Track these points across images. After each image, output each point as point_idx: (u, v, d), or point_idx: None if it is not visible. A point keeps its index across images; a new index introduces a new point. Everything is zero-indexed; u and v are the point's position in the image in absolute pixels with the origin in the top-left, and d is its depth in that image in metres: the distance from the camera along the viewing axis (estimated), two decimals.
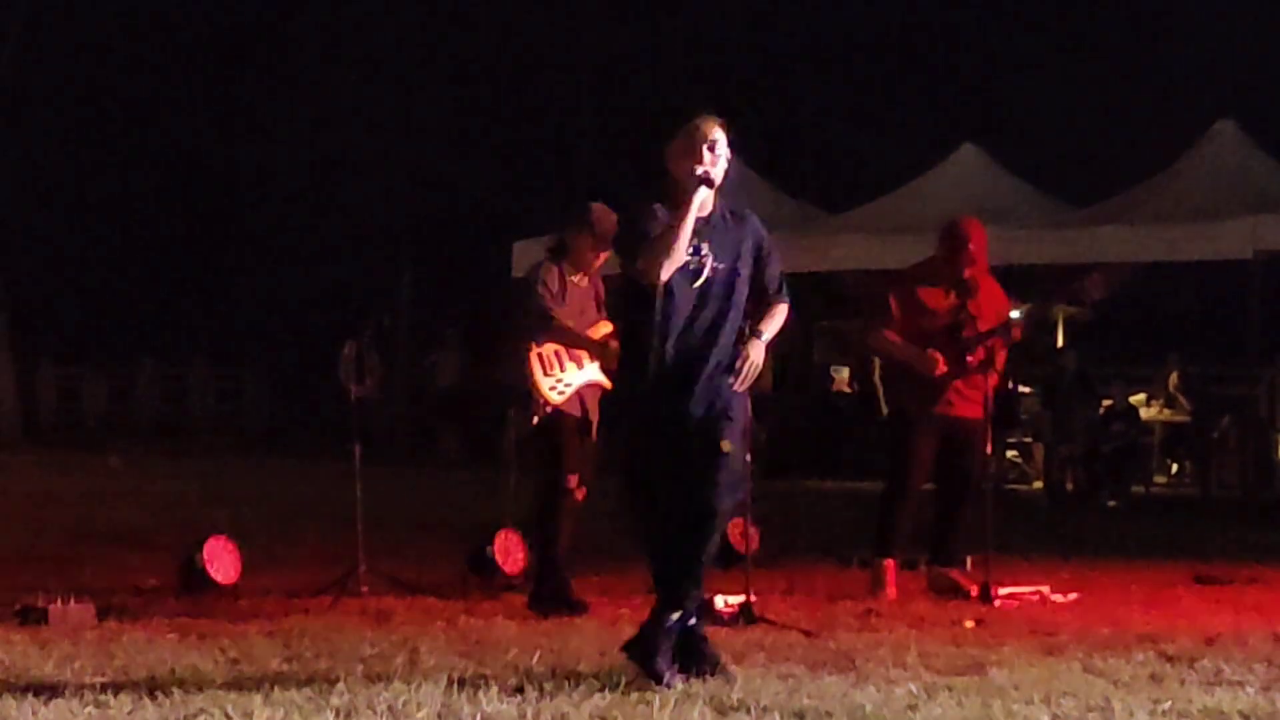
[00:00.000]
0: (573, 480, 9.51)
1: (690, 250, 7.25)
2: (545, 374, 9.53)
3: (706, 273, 7.29)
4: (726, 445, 7.26)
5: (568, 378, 9.55)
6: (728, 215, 7.43)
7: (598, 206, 9.63)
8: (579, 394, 9.60)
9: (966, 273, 10.20)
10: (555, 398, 9.51)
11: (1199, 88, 26.31)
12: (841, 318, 21.70)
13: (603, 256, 9.60)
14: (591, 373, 9.63)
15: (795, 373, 21.13)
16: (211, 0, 31.92)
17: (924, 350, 10.09)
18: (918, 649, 7.99)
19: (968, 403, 10.23)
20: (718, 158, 7.29)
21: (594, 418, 9.68)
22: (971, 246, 10.20)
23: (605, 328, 9.65)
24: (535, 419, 9.53)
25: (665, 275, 7.19)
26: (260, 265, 31.31)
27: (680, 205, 7.24)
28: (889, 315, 10.24)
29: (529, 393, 9.49)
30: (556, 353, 9.54)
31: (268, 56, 31.60)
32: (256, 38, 31.96)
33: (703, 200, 7.26)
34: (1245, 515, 16.45)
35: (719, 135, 7.32)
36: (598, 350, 9.51)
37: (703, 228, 7.30)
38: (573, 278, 9.64)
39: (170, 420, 32.82)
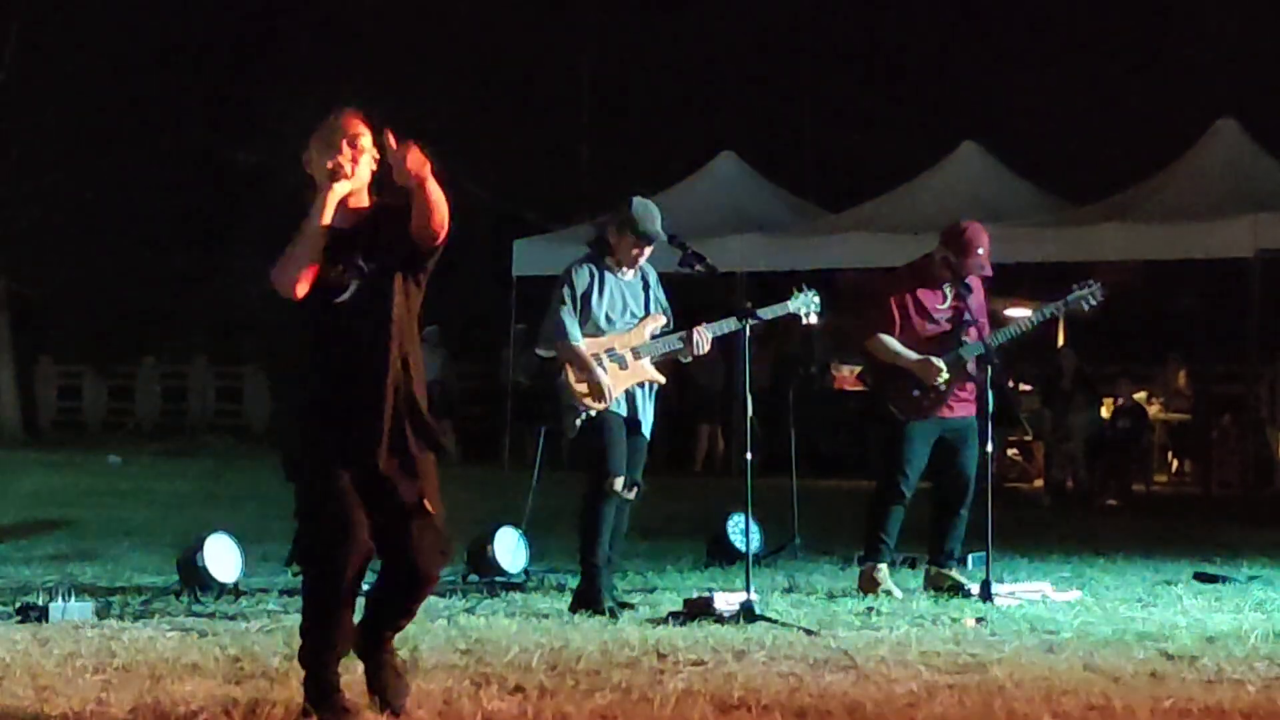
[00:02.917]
0: (618, 481, 9.43)
1: (333, 259, 6.48)
2: (581, 380, 9.43)
3: (353, 286, 6.48)
4: (430, 505, 6.46)
5: (608, 380, 9.45)
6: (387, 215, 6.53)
7: (638, 200, 9.55)
8: (626, 393, 9.52)
9: (976, 278, 10.20)
10: (597, 404, 9.42)
11: (1199, 87, 26.28)
12: (843, 316, 21.72)
13: (646, 251, 9.53)
14: (639, 371, 9.53)
15: (795, 370, 21.13)
16: (212, 0, 31.92)
17: (926, 357, 10.10)
18: (918, 647, 7.99)
19: (962, 403, 10.26)
20: (360, 152, 6.52)
21: (645, 415, 9.60)
22: (983, 252, 10.20)
23: (654, 322, 9.57)
24: (578, 423, 9.43)
25: (299, 289, 6.46)
26: (260, 265, 31.24)
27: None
28: (889, 318, 10.21)
29: (570, 400, 9.38)
30: (595, 356, 9.44)
31: (268, 56, 31.59)
32: (256, 37, 31.95)
33: (339, 199, 6.47)
34: (1245, 513, 16.45)
35: (362, 130, 6.56)
36: (592, 375, 9.40)
37: (356, 232, 6.51)
38: (614, 273, 9.54)
39: (170, 420, 32.83)
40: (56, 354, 34.30)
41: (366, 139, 6.56)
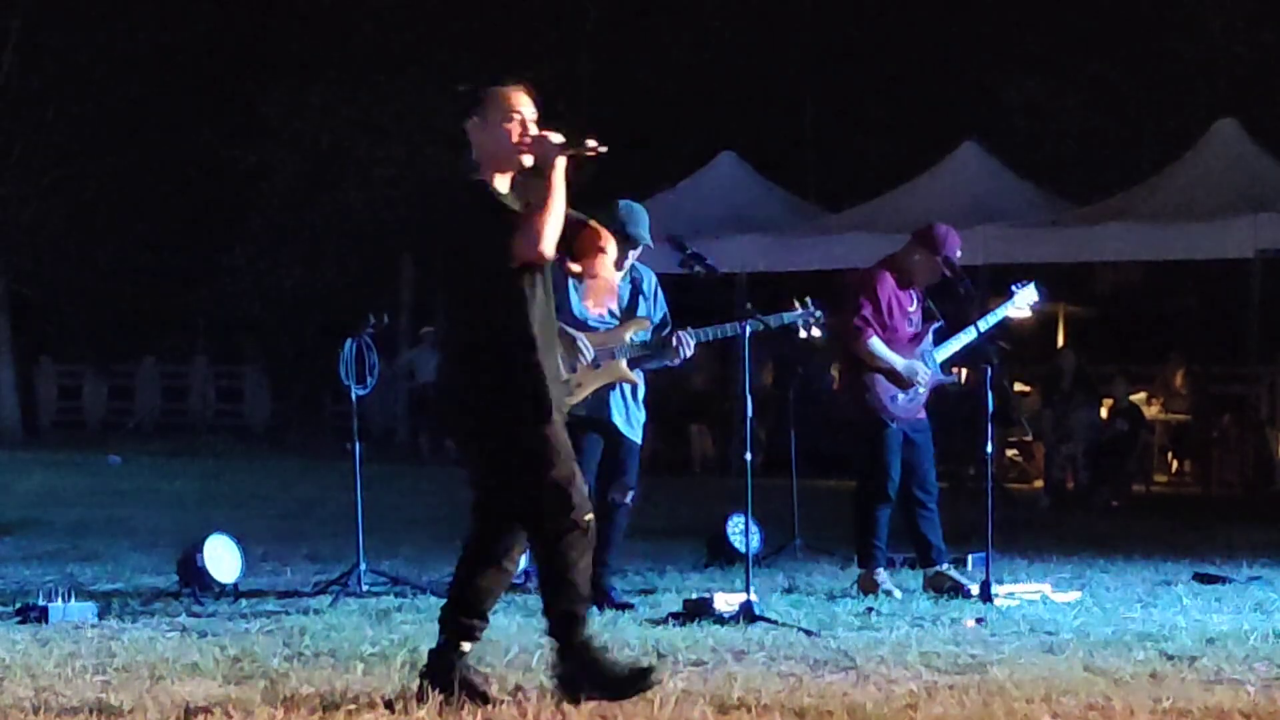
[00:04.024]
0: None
1: None
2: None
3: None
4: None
5: (576, 378, 9.44)
6: None
7: (624, 203, 9.58)
8: (597, 395, 9.51)
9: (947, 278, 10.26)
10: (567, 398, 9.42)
11: (1199, 87, 26.28)
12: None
13: (631, 254, 9.56)
14: (612, 370, 9.54)
15: (796, 370, 21.11)
16: (211, 1, 31.90)
17: (911, 362, 10.16)
18: (918, 648, 7.99)
19: (918, 404, 10.31)
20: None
21: (625, 418, 9.59)
22: (960, 254, 10.27)
23: (636, 325, 9.58)
24: None
25: (550, 250, 6.72)
26: (260, 264, 31.27)
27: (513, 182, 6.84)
28: (877, 318, 10.22)
29: None
30: (563, 355, 9.44)
31: (268, 56, 31.56)
32: (256, 37, 31.92)
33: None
34: (1245, 513, 16.44)
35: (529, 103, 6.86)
36: (566, 340, 9.44)
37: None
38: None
39: (170, 420, 32.84)
40: (56, 354, 34.28)
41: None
